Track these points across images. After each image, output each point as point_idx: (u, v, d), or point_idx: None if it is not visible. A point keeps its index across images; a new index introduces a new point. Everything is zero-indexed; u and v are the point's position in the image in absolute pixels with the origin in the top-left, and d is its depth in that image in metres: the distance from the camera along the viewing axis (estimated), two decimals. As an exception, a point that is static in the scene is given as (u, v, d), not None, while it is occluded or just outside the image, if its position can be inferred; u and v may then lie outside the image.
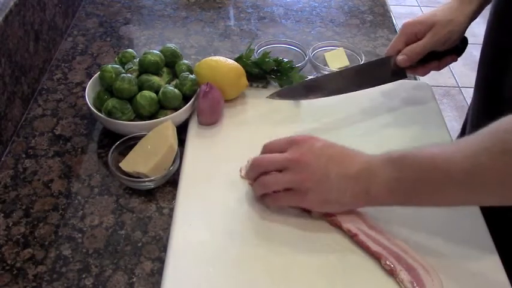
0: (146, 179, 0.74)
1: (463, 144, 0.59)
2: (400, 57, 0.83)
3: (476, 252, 0.66)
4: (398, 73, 0.85)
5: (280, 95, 0.85)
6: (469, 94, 2.38)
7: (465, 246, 0.67)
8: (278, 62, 0.93)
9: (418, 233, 0.68)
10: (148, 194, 0.76)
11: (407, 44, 0.83)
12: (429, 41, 0.81)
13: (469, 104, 1.03)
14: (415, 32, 0.82)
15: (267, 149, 0.71)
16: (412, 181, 0.60)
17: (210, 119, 0.85)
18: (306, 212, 0.70)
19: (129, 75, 0.83)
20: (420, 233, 0.68)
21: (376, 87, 0.86)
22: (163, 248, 0.69)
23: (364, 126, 0.85)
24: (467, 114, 1.03)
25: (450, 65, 0.87)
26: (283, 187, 0.68)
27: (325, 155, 0.66)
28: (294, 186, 0.66)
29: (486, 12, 0.87)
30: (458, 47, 0.85)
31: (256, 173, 0.70)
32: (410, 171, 0.61)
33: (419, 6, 3.19)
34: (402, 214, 0.69)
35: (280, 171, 0.67)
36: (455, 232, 0.69)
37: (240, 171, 0.77)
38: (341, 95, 0.85)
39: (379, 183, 0.62)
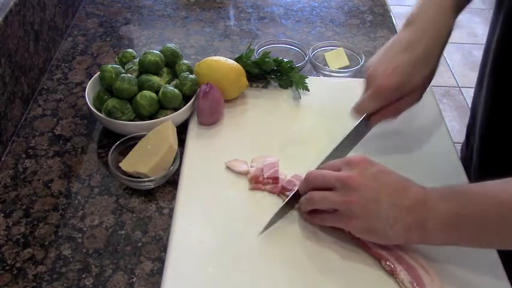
0: (146, 179, 0.74)
1: None
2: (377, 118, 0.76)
3: (476, 253, 0.66)
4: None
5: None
6: (469, 94, 2.37)
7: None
8: (278, 62, 0.93)
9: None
10: (148, 194, 0.76)
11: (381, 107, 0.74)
12: (407, 105, 0.75)
13: (469, 104, 1.01)
14: (393, 98, 0.73)
15: (324, 167, 0.69)
16: (474, 218, 0.57)
17: (210, 119, 0.85)
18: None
19: (129, 75, 0.83)
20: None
21: None
22: (163, 248, 0.69)
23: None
24: (473, 115, 0.96)
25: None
26: (328, 207, 0.65)
27: (379, 181, 0.62)
28: (340, 208, 0.63)
29: (486, 12, 0.85)
30: None
31: (306, 187, 0.68)
32: (473, 207, 0.57)
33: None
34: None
35: (331, 190, 0.64)
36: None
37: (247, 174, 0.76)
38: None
39: (436, 218, 0.58)
